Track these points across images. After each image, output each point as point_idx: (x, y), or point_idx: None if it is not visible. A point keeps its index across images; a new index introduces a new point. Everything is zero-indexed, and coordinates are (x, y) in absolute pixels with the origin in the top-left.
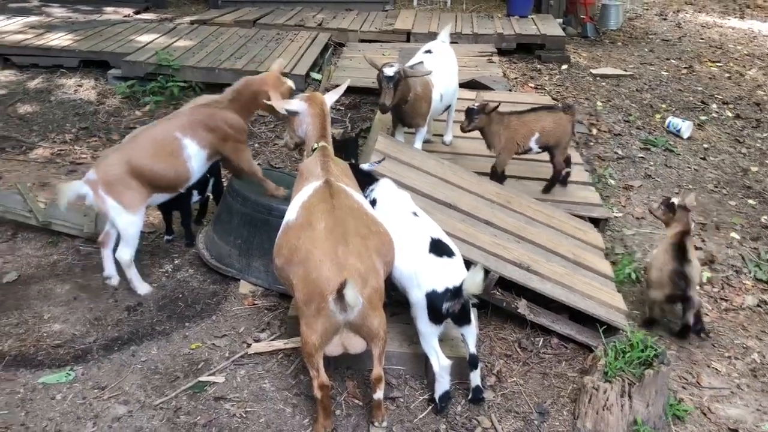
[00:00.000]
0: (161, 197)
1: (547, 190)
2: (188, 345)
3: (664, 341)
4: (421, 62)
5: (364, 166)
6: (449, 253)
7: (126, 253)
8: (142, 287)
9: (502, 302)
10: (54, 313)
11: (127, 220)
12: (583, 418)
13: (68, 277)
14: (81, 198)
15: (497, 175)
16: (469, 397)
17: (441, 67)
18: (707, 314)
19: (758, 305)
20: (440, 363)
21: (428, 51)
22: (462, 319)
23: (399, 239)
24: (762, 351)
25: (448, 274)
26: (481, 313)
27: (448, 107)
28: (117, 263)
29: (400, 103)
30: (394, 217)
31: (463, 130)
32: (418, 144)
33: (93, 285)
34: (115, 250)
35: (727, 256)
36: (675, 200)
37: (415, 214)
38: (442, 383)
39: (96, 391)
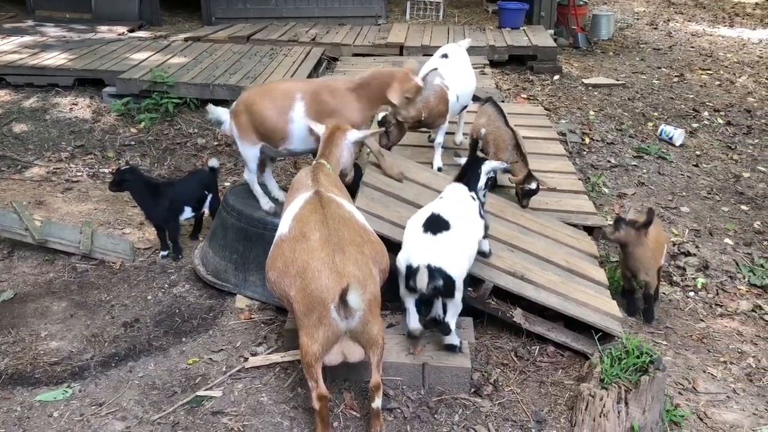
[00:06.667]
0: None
1: None
2: (185, 360)
3: (660, 347)
4: (436, 68)
5: (495, 164)
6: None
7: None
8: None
9: (497, 311)
10: (51, 330)
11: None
12: (580, 425)
13: (65, 295)
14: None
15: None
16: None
17: (457, 71)
18: (703, 320)
19: (753, 310)
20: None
21: (444, 55)
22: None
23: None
24: (757, 355)
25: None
26: (477, 323)
27: (464, 108)
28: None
29: (416, 124)
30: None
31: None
32: (440, 138)
33: (89, 302)
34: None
35: (721, 261)
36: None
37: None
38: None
39: (93, 407)
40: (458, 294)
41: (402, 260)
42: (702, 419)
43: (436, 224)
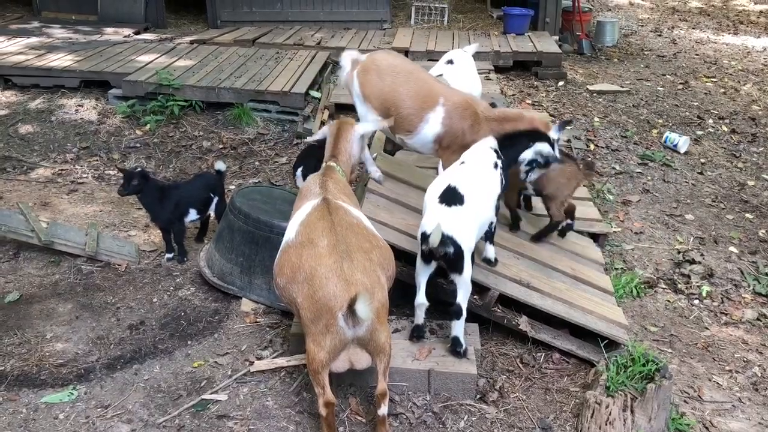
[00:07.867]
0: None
1: None
2: (191, 363)
3: (665, 355)
4: (441, 75)
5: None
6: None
7: None
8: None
9: (503, 319)
10: (56, 332)
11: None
12: None
13: (70, 297)
14: None
15: None
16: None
17: (462, 77)
18: (707, 328)
19: (758, 319)
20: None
21: (450, 61)
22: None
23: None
24: (762, 364)
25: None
26: (483, 329)
27: None
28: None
29: None
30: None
31: None
32: None
33: (95, 304)
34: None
35: (725, 270)
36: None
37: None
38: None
39: (99, 410)
40: (466, 269)
41: (419, 229)
42: (708, 428)
43: (451, 197)
